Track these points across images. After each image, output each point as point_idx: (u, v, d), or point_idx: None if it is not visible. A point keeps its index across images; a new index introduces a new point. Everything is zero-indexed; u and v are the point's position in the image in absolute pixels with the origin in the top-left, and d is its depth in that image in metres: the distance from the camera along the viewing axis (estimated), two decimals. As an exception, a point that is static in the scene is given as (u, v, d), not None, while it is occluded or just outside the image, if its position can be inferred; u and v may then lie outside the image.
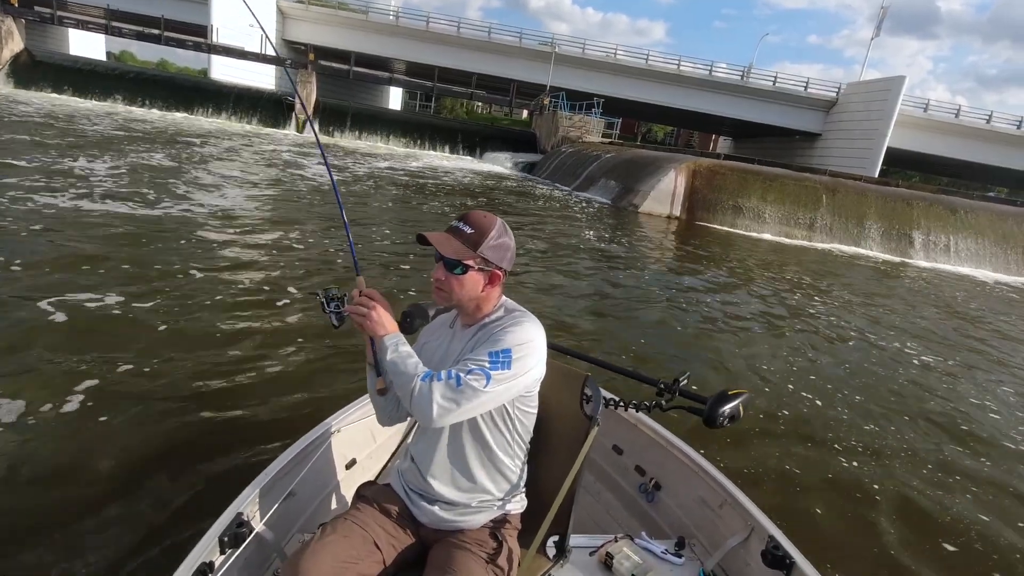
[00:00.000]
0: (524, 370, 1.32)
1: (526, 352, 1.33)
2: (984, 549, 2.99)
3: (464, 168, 23.92)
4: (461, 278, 1.36)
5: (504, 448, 1.45)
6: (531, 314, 1.43)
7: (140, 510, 2.36)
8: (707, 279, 8.96)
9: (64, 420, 2.90)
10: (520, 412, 1.44)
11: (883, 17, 36.90)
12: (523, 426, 1.47)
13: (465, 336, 1.44)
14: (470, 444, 1.43)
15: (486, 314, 1.44)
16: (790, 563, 1.56)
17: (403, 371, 1.30)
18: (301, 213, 9.25)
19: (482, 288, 1.39)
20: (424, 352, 1.51)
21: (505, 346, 1.31)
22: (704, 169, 17.69)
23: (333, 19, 36.15)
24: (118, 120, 20.48)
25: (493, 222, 1.38)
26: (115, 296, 4.50)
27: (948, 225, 16.80)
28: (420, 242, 1.38)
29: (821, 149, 36.06)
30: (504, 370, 1.28)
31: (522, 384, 1.34)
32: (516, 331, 1.34)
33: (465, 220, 1.38)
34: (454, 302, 1.41)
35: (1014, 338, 8.38)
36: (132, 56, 72.53)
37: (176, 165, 11.93)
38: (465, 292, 1.38)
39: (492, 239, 1.36)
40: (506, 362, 1.29)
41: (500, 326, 1.38)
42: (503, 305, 1.46)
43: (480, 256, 1.35)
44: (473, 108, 64.66)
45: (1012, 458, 4.15)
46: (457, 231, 1.37)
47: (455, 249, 1.34)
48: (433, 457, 1.44)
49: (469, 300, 1.40)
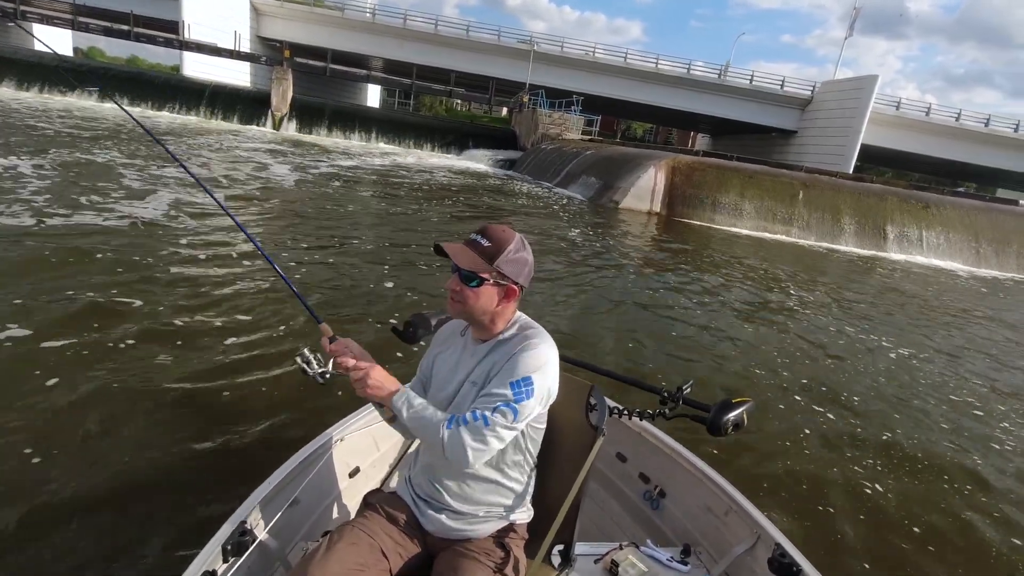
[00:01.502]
0: (544, 394, 1.35)
1: (545, 376, 1.34)
2: (994, 554, 2.98)
3: (444, 166, 23.76)
4: (476, 291, 1.35)
5: (513, 460, 1.45)
6: (545, 332, 1.43)
7: (142, 519, 2.35)
8: (689, 275, 9.01)
9: (65, 428, 2.87)
10: (531, 428, 1.44)
11: (856, 17, 37.63)
12: (532, 440, 1.47)
13: (479, 352, 1.43)
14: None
15: (500, 331, 1.42)
16: (797, 571, 1.54)
17: (426, 426, 1.31)
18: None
19: (497, 303, 1.38)
20: (436, 364, 1.53)
21: (525, 373, 1.31)
22: (683, 166, 17.82)
23: (309, 16, 35.68)
24: (77, 117, 19.89)
25: (511, 237, 1.38)
26: (104, 300, 4.37)
27: (920, 220, 17.17)
28: (437, 252, 1.37)
29: (797, 146, 36.67)
30: (528, 400, 1.30)
31: (542, 407, 1.37)
32: (533, 355, 1.34)
33: (483, 233, 1.37)
34: (468, 314, 1.40)
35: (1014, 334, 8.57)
36: (101, 52, 70.56)
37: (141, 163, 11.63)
38: (480, 305, 1.37)
39: (510, 253, 1.35)
40: (529, 391, 1.30)
41: (515, 347, 1.36)
42: (517, 321, 1.45)
43: (496, 270, 1.34)
44: (452, 106, 64.37)
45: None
46: (474, 244, 1.36)
47: (471, 262, 1.34)
48: (442, 466, 1.44)
49: (483, 314, 1.39)
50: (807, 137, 36.15)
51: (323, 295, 5.38)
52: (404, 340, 1.60)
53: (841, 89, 33.51)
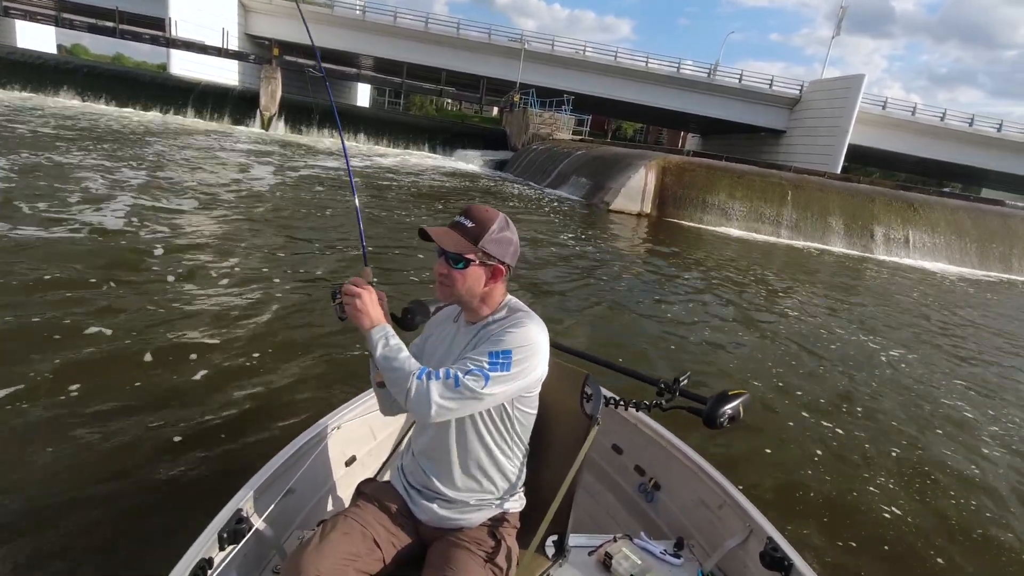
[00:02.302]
0: (524, 372, 1.32)
1: (527, 354, 1.32)
2: (985, 548, 3.02)
3: (434, 166, 23.70)
4: (463, 272, 1.35)
5: (503, 447, 1.44)
6: (535, 315, 1.42)
7: (138, 507, 2.36)
8: (679, 276, 9.06)
9: (59, 417, 2.88)
10: (520, 412, 1.43)
11: (843, 16, 37.95)
12: (522, 426, 1.46)
13: (469, 333, 1.43)
14: (470, 442, 1.42)
15: (490, 312, 1.42)
16: (788, 564, 1.55)
17: (396, 367, 1.28)
18: (293, 207, 9.02)
19: (484, 283, 1.38)
20: (428, 346, 1.53)
21: (506, 347, 1.30)
22: (673, 166, 17.89)
23: (298, 13, 35.37)
24: (62, 117, 19.65)
25: (495, 216, 1.37)
26: (102, 300, 4.34)
27: (907, 220, 17.35)
28: (422, 237, 1.36)
29: (786, 146, 36.92)
30: (503, 371, 1.28)
31: (521, 385, 1.34)
32: (518, 332, 1.33)
33: (466, 214, 1.37)
34: (457, 297, 1.39)
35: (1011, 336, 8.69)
36: (85, 50, 69.61)
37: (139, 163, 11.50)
38: (467, 286, 1.36)
39: (493, 233, 1.35)
40: (506, 363, 1.29)
41: (502, 326, 1.37)
42: (507, 304, 1.44)
43: (482, 250, 1.34)
44: (443, 105, 64.23)
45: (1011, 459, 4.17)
46: (458, 225, 1.36)
47: (455, 243, 1.34)
48: (433, 454, 1.45)
49: (472, 295, 1.38)
50: (796, 137, 36.42)
51: (316, 295, 5.36)
52: (402, 328, 1.59)
53: (829, 88, 33.77)
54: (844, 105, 32.20)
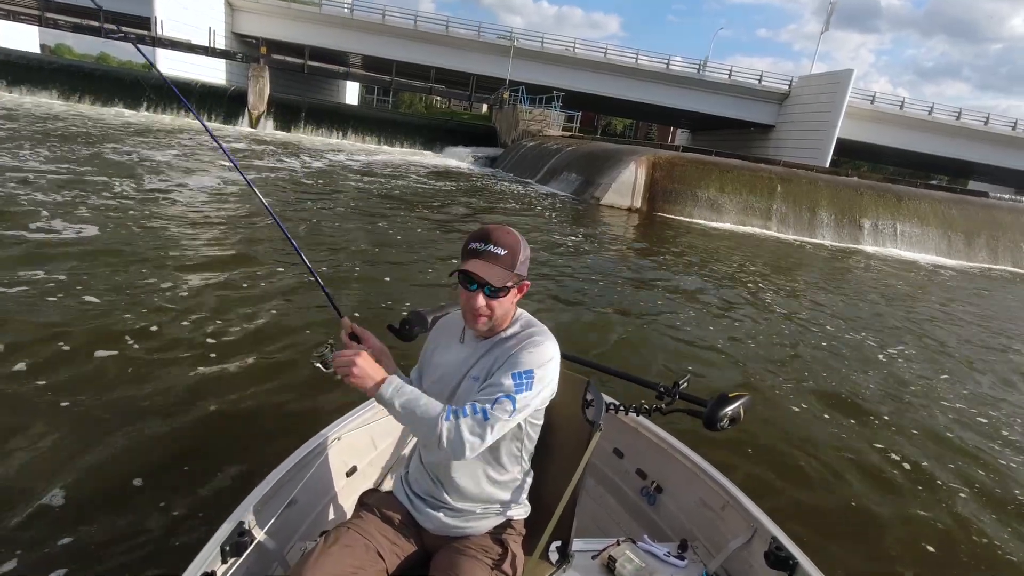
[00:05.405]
0: (544, 388, 1.34)
1: (547, 371, 1.34)
2: (987, 548, 3.01)
3: (424, 163, 23.60)
4: (502, 300, 1.35)
5: (510, 456, 1.45)
6: (547, 329, 1.43)
7: (141, 519, 2.34)
8: (671, 270, 9.09)
9: (62, 430, 2.84)
10: (529, 425, 1.45)
11: (831, 12, 38.12)
12: (530, 437, 1.48)
13: (480, 348, 1.42)
14: (481, 454, 1.39)
15: (503, 328, 1.42)
16: (793, 564, 1.56)
17: (420, 416, 1.26)
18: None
19: (512, 301, 1.40)
20: (435, 357, 1.52)
21: (528, 367, 1.31)
22: (663, 161, 17.92)
23: (286, 12, 35.13)
24: (44, 116, 19.39)
25: (517, 238, 1.39)
26: (100, 302, 4.32)
27: (895, 212, 17.50)
28: (462, 278, 1.34)
29: (775, 140, 37.11)
30: (528, 391, 1.29)
31: (541, 399, 1.35)
32: (536, 352, 1.34)
33: (493, 242, 1.35)
34: (494, 324, 1.39)
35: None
36: (69, 49, 68.66)
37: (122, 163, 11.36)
38: (504, 311, 1.38)
39: (520, 255, 1.37)
40: (529, 383, 1.30)
41: (520, 343, 1.36)
42: (519, 319, 1.44)
43: (517, 275, 1.36)
44: (432, 103, 63.99)
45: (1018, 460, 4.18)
46: (492, 255, 1.33)
47: (501, 277, 1.32)
48: (439, 464, 1.44)
49: (506, 318, 1.41)
50: (785, 131, 36.61)
51: (314, 302, 5.32)
52: (401, 338, 1.58)
53: (817, 83, 33.97)
54: (833, 100, 32.42)
